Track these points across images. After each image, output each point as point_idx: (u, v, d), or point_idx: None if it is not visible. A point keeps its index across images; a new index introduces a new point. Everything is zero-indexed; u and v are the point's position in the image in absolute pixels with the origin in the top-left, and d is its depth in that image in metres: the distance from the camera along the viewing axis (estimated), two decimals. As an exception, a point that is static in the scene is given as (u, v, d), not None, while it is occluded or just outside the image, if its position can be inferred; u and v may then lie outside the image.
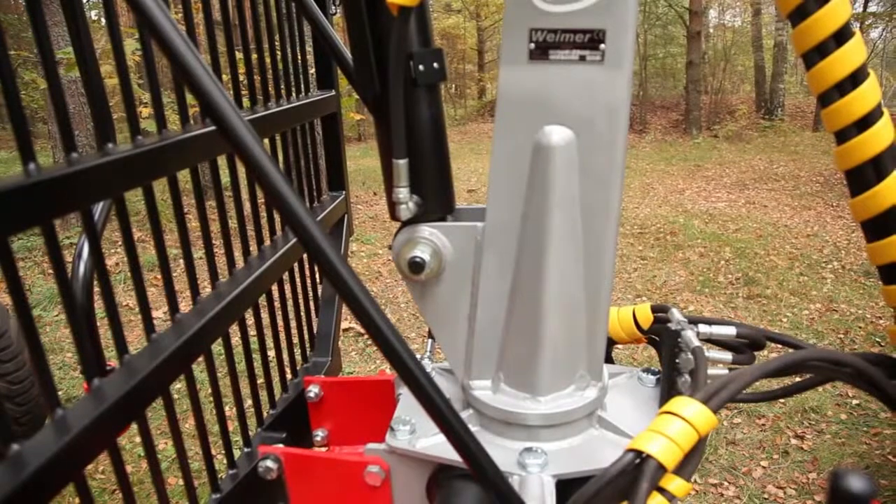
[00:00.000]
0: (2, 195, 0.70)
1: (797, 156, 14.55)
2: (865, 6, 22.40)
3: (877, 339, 5.52)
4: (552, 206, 0.93)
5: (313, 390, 1.33)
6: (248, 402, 1.44)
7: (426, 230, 1.01)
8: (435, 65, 0.94)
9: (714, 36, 27.15)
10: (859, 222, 0.96)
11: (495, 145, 0.95)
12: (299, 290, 1.74)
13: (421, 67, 0.93)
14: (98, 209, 1.01)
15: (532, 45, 0.88)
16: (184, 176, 1.18)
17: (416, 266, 0.99)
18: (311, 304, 1.84)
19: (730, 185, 12.06)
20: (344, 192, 1.99)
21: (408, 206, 0.97)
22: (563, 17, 0.87)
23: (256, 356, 1.41)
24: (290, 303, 1.67)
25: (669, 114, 20.99)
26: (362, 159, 15.23)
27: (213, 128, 1.12)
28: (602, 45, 0.87)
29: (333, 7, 1.83)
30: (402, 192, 0.96)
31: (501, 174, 0.96)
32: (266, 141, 1.47)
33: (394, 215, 1.01)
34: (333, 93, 1.90)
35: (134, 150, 0.95)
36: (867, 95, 0.89)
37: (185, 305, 1.13)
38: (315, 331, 1.87)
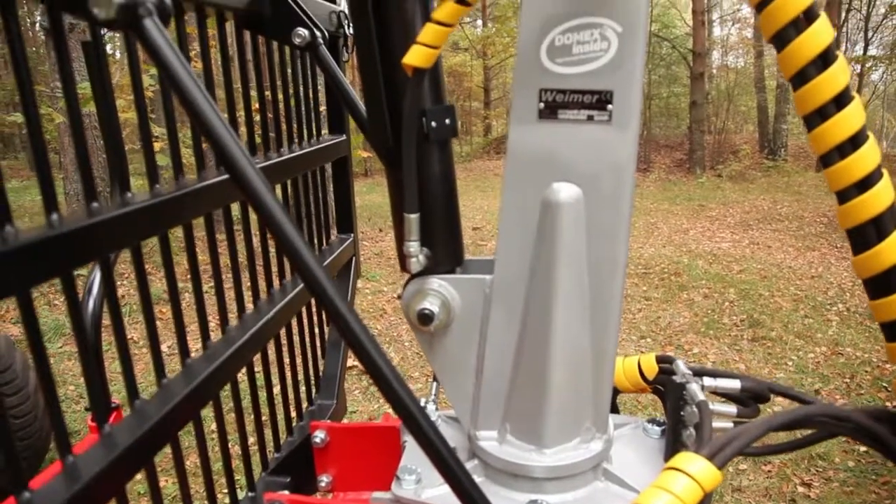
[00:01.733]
0: (23, 250, 0.72)
1: (801, 196, 14.61)
2: (866, 49, 22.70)
3: (883, 384, 5.48)
4: (559, 261, 0.95)
5: (319, 436, 1.34)
6: (252, 442, 1.45)
7: (436, 282, 1.03)
8: (447, 121, 0.97)
9: (717, 77, 27.47)
10: (862, 280, 0.97)
11: (504, 200, 0.97)
12: (306, 332, 1.75)
13: (433, 124, 0.96)
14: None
15: (542, 105, 0.91)
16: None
17: (425, 318, 1.01)
18: (318, 346, 1.85)
19: (734, 225, 12.10)
20: (352, 235, 2.01)
21: (418, 259, 0.99)
22: (572, 78, 0.90)
23: (262, 397, 1.42)
24: (296, 345, 1.68)
25: (673, 153, 21.14)
26: (368, 195, 15.33)
27: (227, 176, 1.14)
28: (609, 106, 0.90)
29: (346, 54, 1.88)
30: (413, 246, 0.98)
31: (510, 229, 0.98)
32: (278, 186, 1.50)
33: (404, 267, 1.03)
34: (344, 137, 1.94)
35: (152, 199, 0.97)
36: (867, 157, 0.91)
37: (193, 343, 1.15)
38: (321, 373, 1.87)
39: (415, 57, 0.85)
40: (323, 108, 1.90)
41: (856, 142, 0.91)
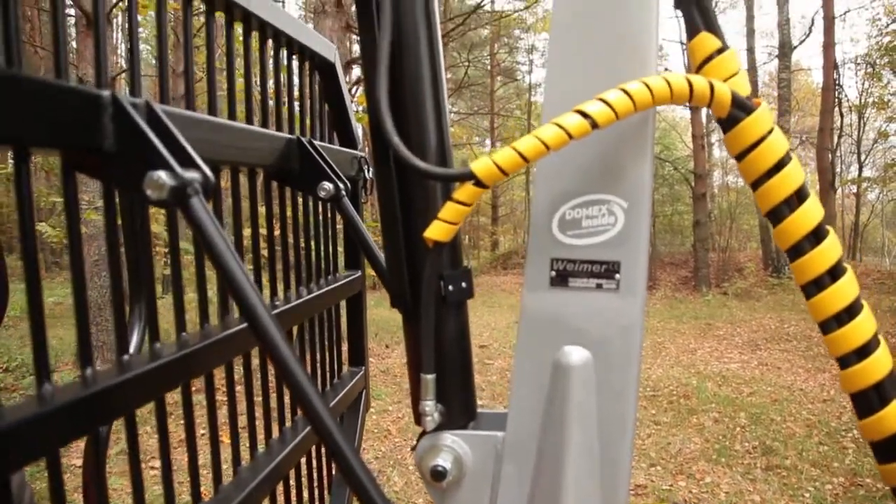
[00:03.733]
0: (60, 411, 0.75)
1: (807, 315, 14.45)
2: (860, 172, 23.38)
3: (907, 519, 5.25)
4: (570, 421, 0.98)
5: None
6: None
7: (449, 438, 1.06)
8: (463, 284, 1.03)
9: (719, 196, 28.16)
10: (869, 443, 0.99)
11: (517, 360, 1.02)
12: (314, 468, 1.75)
13: (451, 287, 1.02)
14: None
15: (553, 273, 0.97)
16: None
17: (438, 475, 1.02)
18: (325, 484, 1.83)
19: (742, 344, 12.01)
20: (364, 368, 2.04)
21: (433, 417, 1.02)
22: (582, 249, 0.96)
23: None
24: (304, 486, 1.67)
25: (679, 270, 21.32)
26: (375, 309, 15.39)
27: (228, 332, 1.18)
28: (617, 275, 0.96)
29: (365, 195, 1.98)
30: (429, 405, 1.01)
31: (522, 388, 1.02)
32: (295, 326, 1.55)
33: (418, 422, 1.05)
34: (360, 273, 2.01)
35: (181, 351, 1.01)
36: (864, 326, 0.96)
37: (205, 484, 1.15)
38: (327, 513, 1.85)
39: (435, 232, 0.92)
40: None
41: (852, 311, 0.96)
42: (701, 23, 0.96)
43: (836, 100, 19.82)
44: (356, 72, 11.39)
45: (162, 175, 0.77)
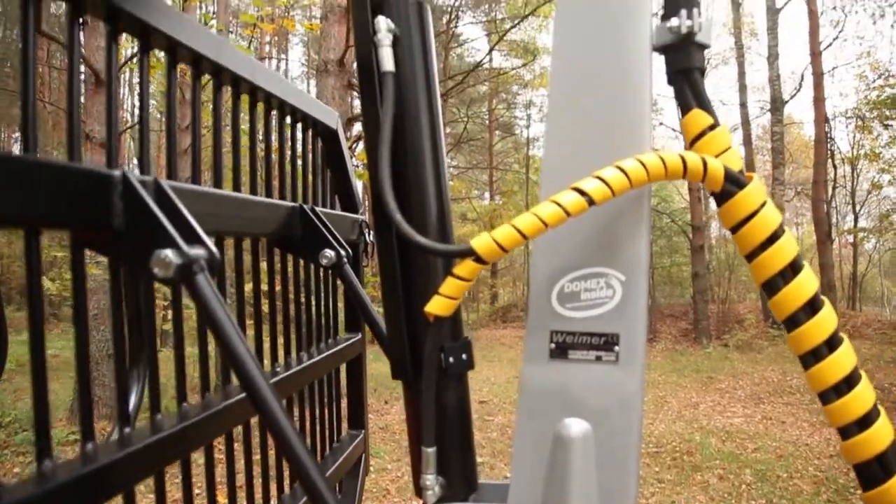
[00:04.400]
0: (63, 487, 0.75)
1: (810, 369, 14.39)
2: (856, 223, 23.53)
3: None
4: (571, 493, 0.97)
5: None
6: None
7: None
8: (464, 356, 1.04)
9: (717, 247, 28.26)
10: None
11: (518, 432, 1.02)
12: None
13: (451, 360, 1.03)
14: None
15: (553, 345, 0.98)
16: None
17: None
18: None
19: (744, 398, 11.87)
20: (363, 432, 2.02)
21: (434, 490, 1.02)
22: (581, 321, 0.97)
23: None
24: None
25: (678, 322, 21.23)
26: (374, 363, 15.26)
27: (228, 402, 1.18)
28: (616, 348, 0.97)
29: (366, 258, 2.00)
30: (430, 479, 1.01)
31: (524, 459, 1.01)
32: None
33: (419, 495, 1.05)
34: (360, 336, 2.01)
35: (181, 423, 1.02)
36: (864, 396, 0.96)
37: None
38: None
39: (436, 306, 0.93)
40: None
41: (850, 381, 0.97)
42: (693, 100, 1.00)
43: (829, 152, 20.11)
44: (357, 127, 11.60)
45: (169, 254, 0.79)
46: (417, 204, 1.06)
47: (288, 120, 1.60)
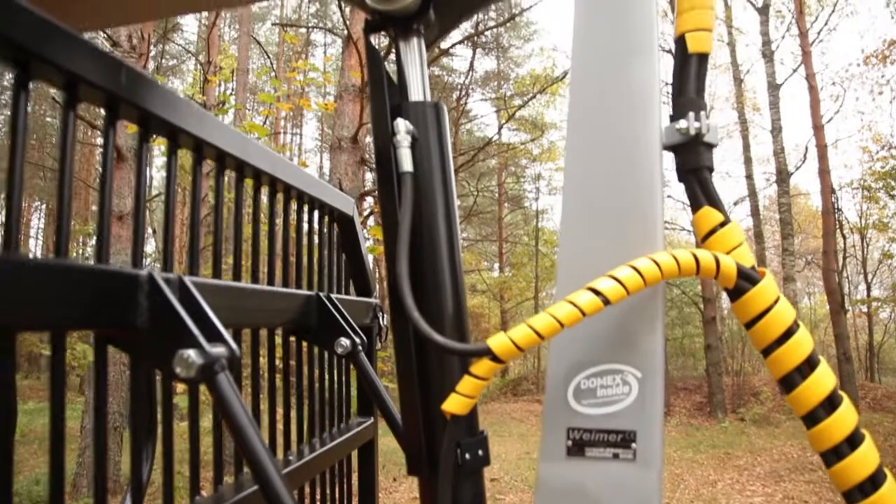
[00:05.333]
0: None
1: (831, 444, 14.00)
2: (869, 292, 23.35)
3: None
4: None
5: None
6: None
7: None
8: (480, 452, 1.04)
9: (728, 319, 28.02)
10: None
11: (536, 532, 1.00)
12: None
13: (468, 456, 1.02)
14: None
15: (569, 443, 0.98)
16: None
17: None
18: None
19: (764, 475, 11.52)
20: (373, 524, 1.98)
21: None
22: (598, 418, 0.97)
23: None
24: None
25: (693, 396, 20.84)
26: (383, 438, 14.98)
27: (241, 494, 1.17)
28: (633, 445, 0.96)
29: (380, 342, 2.01)
30: None
31: None
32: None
33: None
34: (371, 420, 1.99)
35: None
36: (868, 458, 0.95)
37: None
38: None
39: (453, 405, 0.94)
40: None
41: (875, 481, 0.95)
42: (703, 198, 1.02)
43: (837, 222, 20.16)
44: (368, 201, 11.79)
45: (192, 354, 0.80)
46: (434, 300, 1.08)
47: (306, 208, 1.64)
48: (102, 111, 0.92)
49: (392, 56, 1.21)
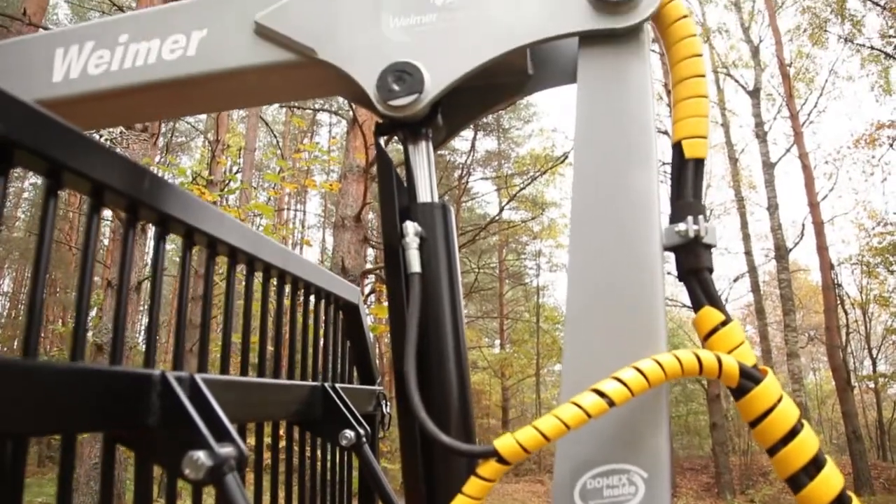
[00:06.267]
0: None
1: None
2: (874, 368, 23.08)
3: None
4: None
5: None
6: None
7: None
8: None
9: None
10: None
11: None
12: None
13: None
14: None
15: None
16: None
17: None
18: None
19: (778, 562, 11.09)
20: None
21: None
22: None
23: None
24: None
25: (699, 476, 20.31)
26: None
27: None
28: None
29: (383, 430, 1.99)
30: None
31: None
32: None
33: None
34: (373, 511, 1.96)
35: None
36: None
37: None
38: None
39: (464, 500, 0.93)
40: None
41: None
42: (704, 298, 1.05)
43: (838, 298, 20.15)
44: (370, 279, 11.85)
45: (201, 456, 0.81)
46: (440, 398, 1.09)
47: (312, 298, 1.66)
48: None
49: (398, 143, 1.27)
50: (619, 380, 0.91)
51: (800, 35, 20.06)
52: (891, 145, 19.22)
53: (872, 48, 18.71)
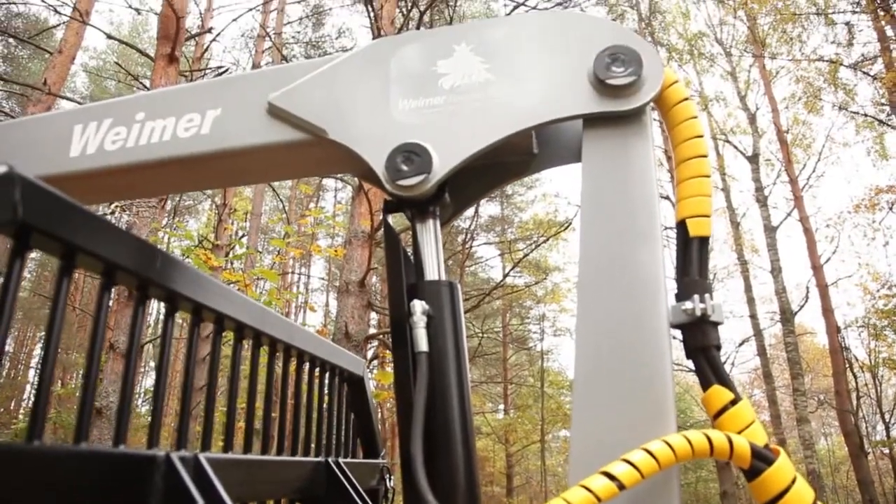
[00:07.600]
0: None
1: None
2: (888, 432, 22.57)
3: None
4: None
5: None
6: None
7: None
8: None
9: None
10: None
11: None
12: None
13: None
14: None
15: None
16: None
17: None
18: None
19: None
20: None
21: None
22: None
23: None
24: None
25: (712, 548, 19.60)
26: None
27: None
28: None
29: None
30: None
31: None
32: None
33: None
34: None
35: None
36: None
37: None
38: None
39: None
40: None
41: None
42: (712, 376, 1.05)
43: (847, 361, 19.88)
44: (372, 344, 11.76)
45: None
46: (447, 478, 1.08)
47: (317, 371, 1.65)
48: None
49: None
50: (628, 462, 0.90)
51: (795, 103, 20.50)
52: (890, 209, 19.35)
53: (866, 115, 19.09)
